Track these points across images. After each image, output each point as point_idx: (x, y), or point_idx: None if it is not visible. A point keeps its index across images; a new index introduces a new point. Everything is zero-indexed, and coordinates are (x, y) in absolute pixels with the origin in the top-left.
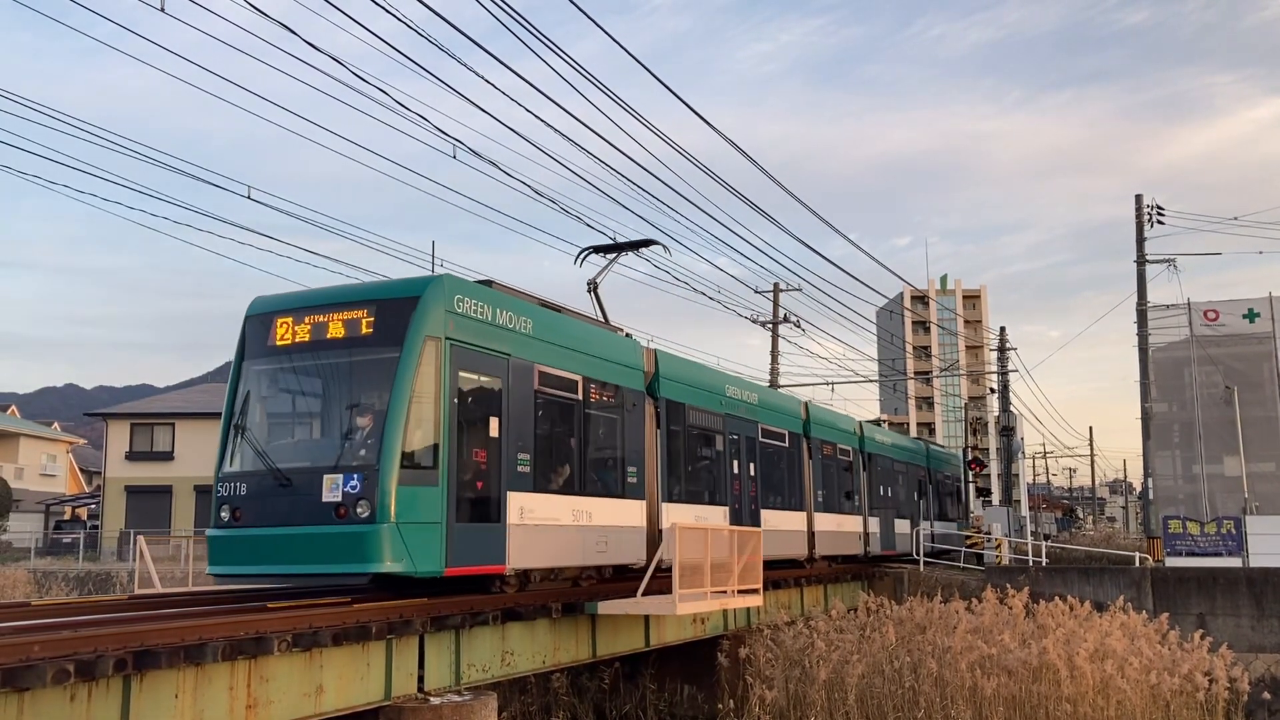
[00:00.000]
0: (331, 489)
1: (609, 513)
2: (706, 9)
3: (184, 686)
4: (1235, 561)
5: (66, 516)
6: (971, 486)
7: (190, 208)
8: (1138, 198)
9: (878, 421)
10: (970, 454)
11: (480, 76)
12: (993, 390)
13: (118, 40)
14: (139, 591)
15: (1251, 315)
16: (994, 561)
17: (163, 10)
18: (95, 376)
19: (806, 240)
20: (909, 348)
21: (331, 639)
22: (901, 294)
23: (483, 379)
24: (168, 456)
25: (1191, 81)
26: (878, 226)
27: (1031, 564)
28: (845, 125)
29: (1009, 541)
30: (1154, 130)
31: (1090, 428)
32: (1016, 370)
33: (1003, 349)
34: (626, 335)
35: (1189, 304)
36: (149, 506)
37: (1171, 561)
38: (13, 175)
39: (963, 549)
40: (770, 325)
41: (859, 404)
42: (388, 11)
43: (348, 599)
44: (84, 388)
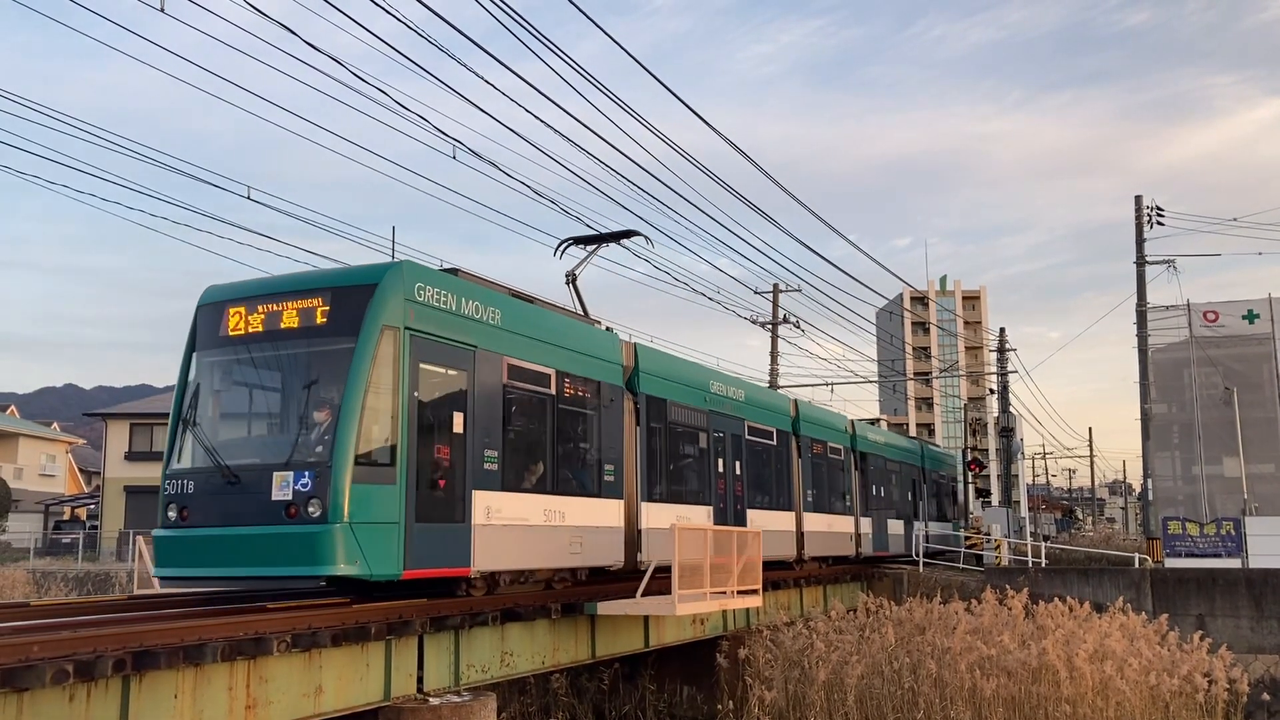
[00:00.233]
0: (281, 487)
1: (584, 513)
2: (706, 10)
3: (183, 687)
4: (1235, 562)
5: (66, 517)
6: (971, 487)
7: (190, 208)
8: (1137, 199)
9: (874, 421)
10: (969, 455)
11: (480, 77)
12: (992, 391)
13: (118, 40)
14: (138, 592)
15: (1251, 316)
16: (993, 562)
17: (163, 10)
18: (95, 376)
19: (806, 241)
20: (908, 348)
21: (331, 639)
22: (901, 295)
23: (446, 371)
24: None
25: (1192, 82)
26: (877, 227)
27: (1031, 565)
28: (845, 126)
29: (1008, 542)
30: (1154, 131)
31: (1090, 428)
32: (1016, 371)
33: (1002, 350)
34: (607, 329)
35: (1189, 305)
36: (148, 507)
37: (1171, 562)
38: (13, 175)
39: (960, 550)
40: (770, 326)
41: (859, 405)
42: (387, 12)
43: (347, 600)
44: (83, 388)
